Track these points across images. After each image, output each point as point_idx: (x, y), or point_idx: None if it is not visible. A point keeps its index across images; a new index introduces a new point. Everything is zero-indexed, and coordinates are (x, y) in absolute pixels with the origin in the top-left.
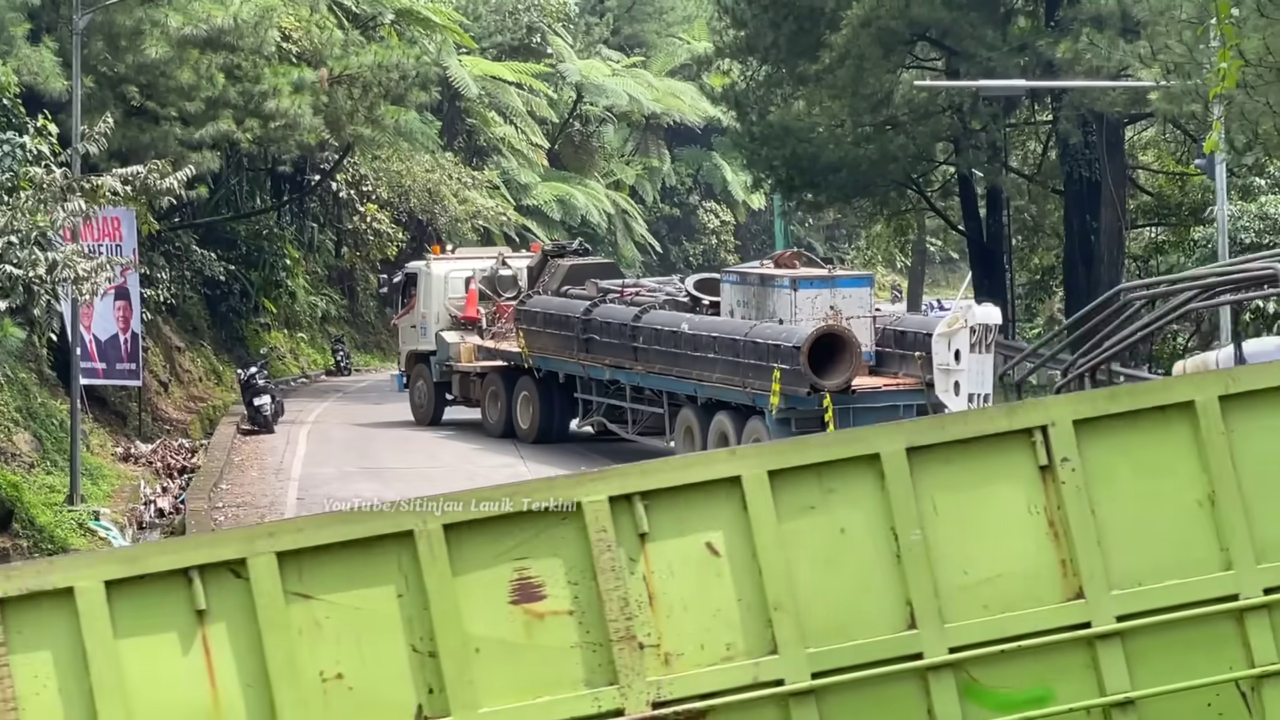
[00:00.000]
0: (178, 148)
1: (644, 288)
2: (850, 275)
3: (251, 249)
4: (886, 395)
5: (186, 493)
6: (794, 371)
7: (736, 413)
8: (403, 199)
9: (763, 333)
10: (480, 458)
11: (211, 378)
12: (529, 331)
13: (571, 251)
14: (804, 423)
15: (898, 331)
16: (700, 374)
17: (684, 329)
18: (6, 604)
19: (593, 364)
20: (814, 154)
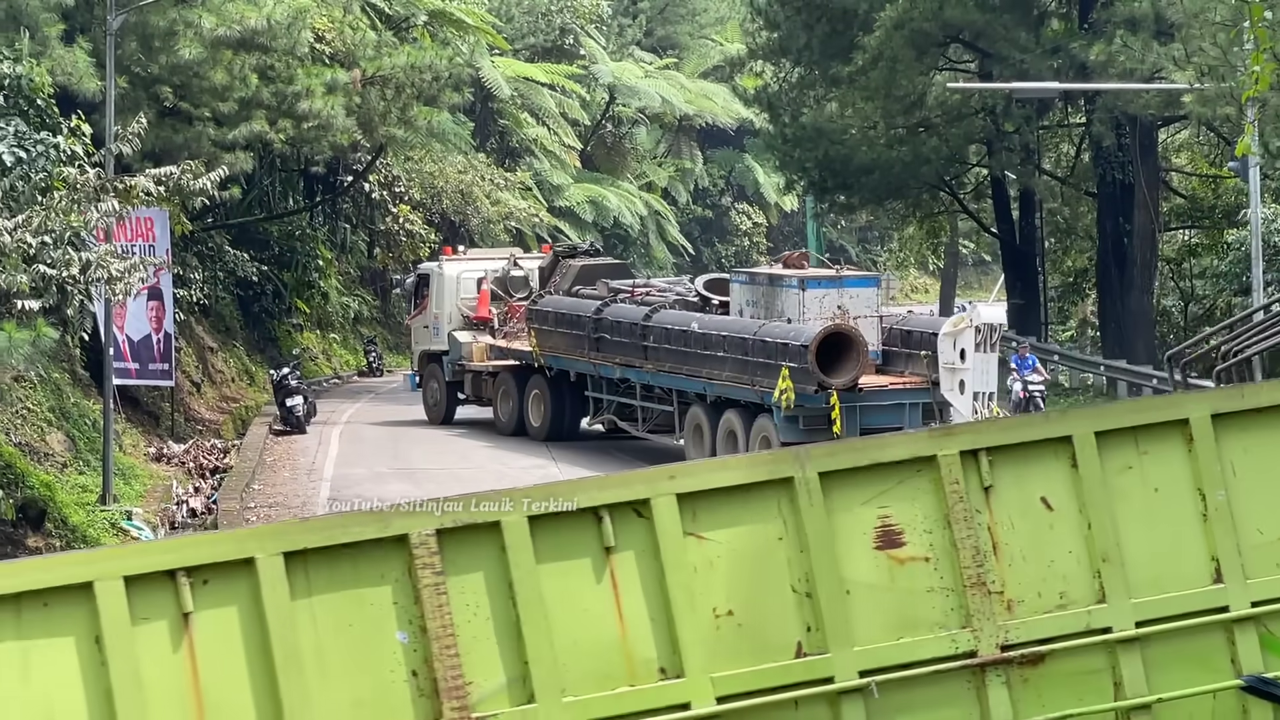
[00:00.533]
0: (211, 148)
1: (654, 288)
2: (857, 275)
3: (284, 250)
4: (892, 393)
5: (218, 493)
6: (802, 370)
7: (745, 410)
8: (435, 200)
9: (771, 332)
10: (511, 459)
11: (244, 378)
12: (540, 331)
13: (583, 252)
14: (812, 420)
15: (904, 331)
16: (709, 372)
17: (694, 328)
18: (443, 535)
19: (603, 363)
20: (847, 156)
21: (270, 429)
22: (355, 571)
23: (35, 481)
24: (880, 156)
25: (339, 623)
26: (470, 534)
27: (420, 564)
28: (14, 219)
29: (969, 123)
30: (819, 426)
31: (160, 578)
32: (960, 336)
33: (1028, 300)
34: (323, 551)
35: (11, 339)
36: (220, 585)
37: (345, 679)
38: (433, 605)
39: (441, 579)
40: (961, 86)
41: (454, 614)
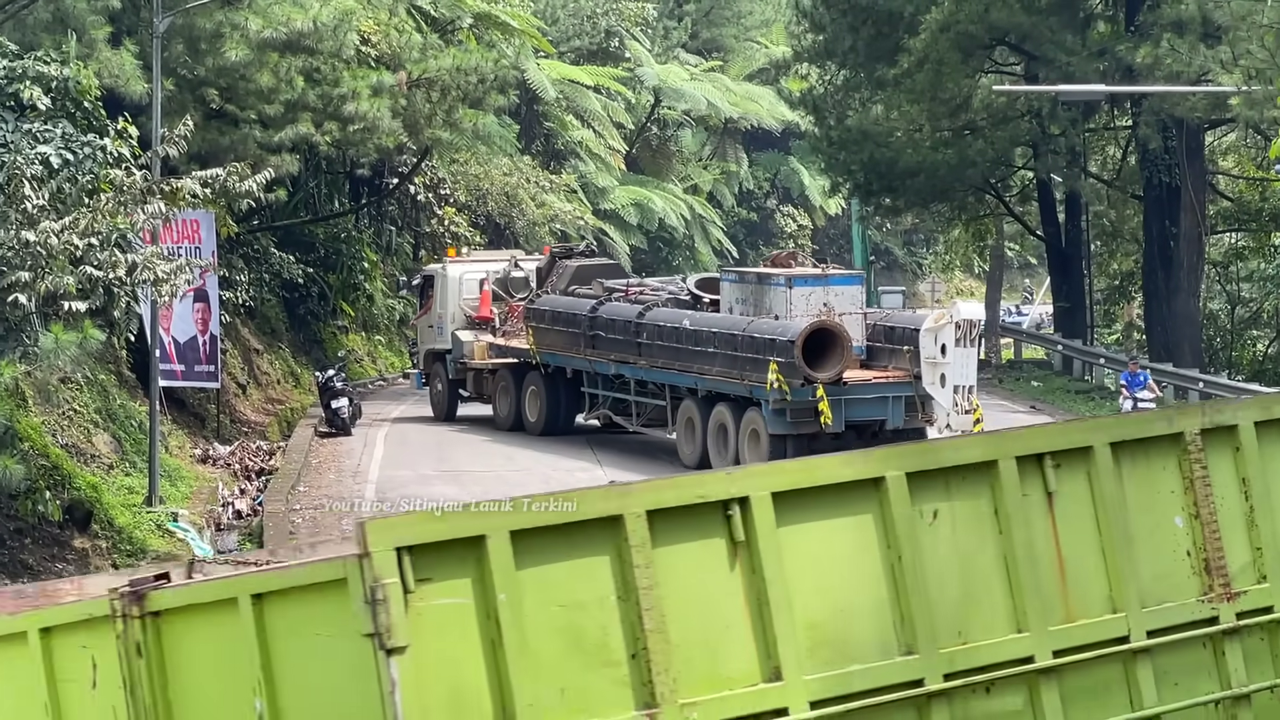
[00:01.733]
0: (257, 150)
1: (648, 287)
2: (842, 274)
3: (330, 252)
4: (876, 387)
5: (264, 494)
6: (788, 364)
7: (735, 404)
8: (480, 202)
9: (759, 328)
10: (556, 461)
11: (289, 380)
12: (538, 329)
13: (579, 253)
14: (799, 413)
15: (887, 327)
16: (701, 368)
17: (685, 325)
18: (1206, 434)
19: (599, 359)
20: (892, 158)
21: (315, 431)
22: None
23: (81, 483)
24: (926, 159)
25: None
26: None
27: (1191, 459)
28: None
29: (1015, 125)
30: (806, 419)
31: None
32: (941, 332)
33: (1074, 303)
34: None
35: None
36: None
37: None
38: (1201, 495)
39: (1205, 472)
40: (1007, 89)
41: (1214, 503)
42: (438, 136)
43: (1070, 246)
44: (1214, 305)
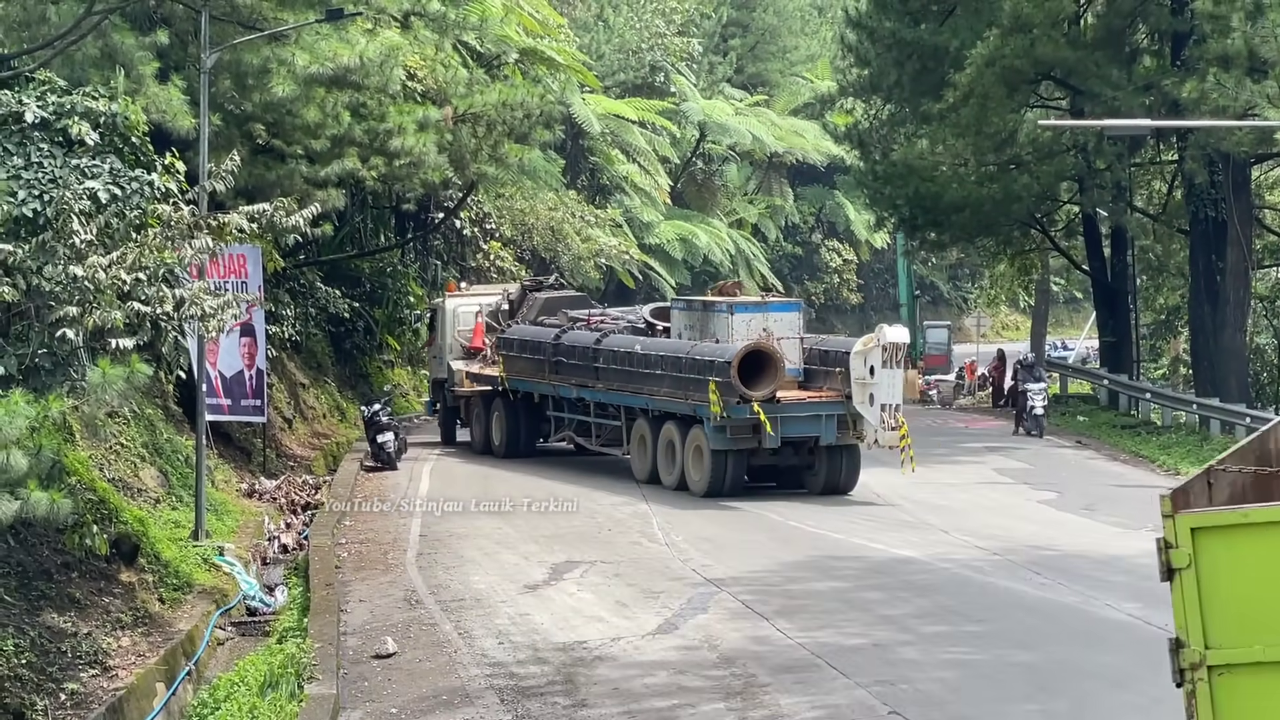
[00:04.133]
0: (303, 185)
1: (609, 316)
2: (781, 301)
3: (375, 286)
4: (810, 405)
5: (310, 529)
6: (726, 384)
7: (681, 422)
8: (525, 237)
9: (701, 351)
10: (601, 496)
11: (335, 414)
12: (508, 357)
13: (548, 286)
14: (738, 430)
15: (821, 351)
16: (650, 389)
17: (637, 350)
18: None
19: (561, 384)
20: (937, 193)
21: (361, 465)
22: None
23: (128, 517)
24: (971, 193)
25: None
26: None
27: None
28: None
29: (1060, 160)
30: (744, 435)
31: None
32: (869, 354)
33: (1120, 337)
34: None
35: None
36: None
37: None
38: None
39: None
40: (1053, 124)
41: None
42: (483, 171)
43: (1116, 281)
44: (1261, 339)
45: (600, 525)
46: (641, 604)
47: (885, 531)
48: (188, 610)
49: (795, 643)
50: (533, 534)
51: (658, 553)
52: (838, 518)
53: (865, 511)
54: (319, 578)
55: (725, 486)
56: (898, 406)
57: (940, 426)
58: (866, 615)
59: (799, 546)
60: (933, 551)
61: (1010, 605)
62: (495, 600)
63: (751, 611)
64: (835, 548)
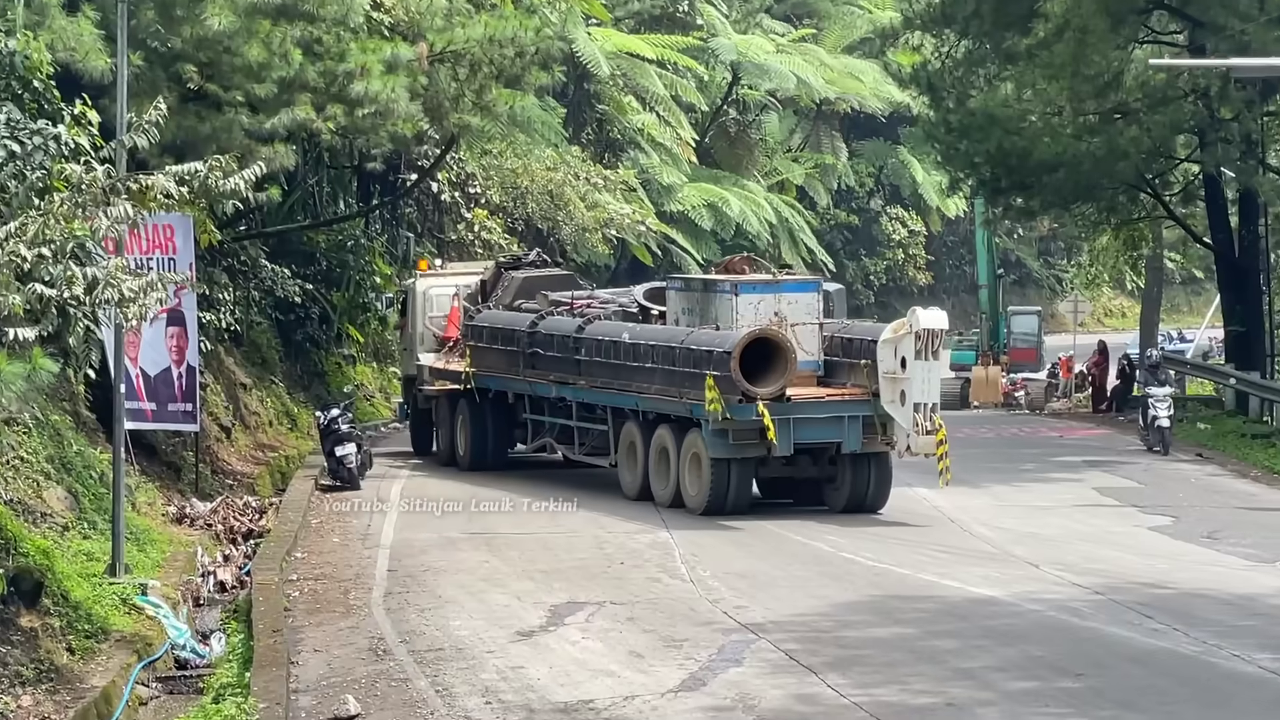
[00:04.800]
0: (244, 140)
1: (597, 299)
2: (797, 279)
3: (334, 264)
4: (828, 405)
5: (253, 562)
6: (725, 378)
7: (676, 425)
8: (518, 203)
9: (698, 339)
10: (611, 522)
11: (284, 421)
12: (475, 349)
13: (528, 263)
14: (742, 434)
15: (844, 339)
16: (639, 386)
17: (625, 339)
18: None
19: (538, 380)
20: (1025, 148)
21: (316, 484)
22: None
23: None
24: (1066, 149)
25: None
26: None
27: None
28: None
29: (1176, 108)
30: (749, 441)
31: None
32: (900, 344)
33: (1249, 326)
34: None
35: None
36: None
37: None
38: None
39: None
40: (1168, 63)
41: None
42: (466, 122)
43: (1245, 257)
44: None
45: (610, 557)
46: (661, 655)
47: (960, 565)
48: (103, 662)
49: (850, 702)
50: (527, 568)
51: (681, 591)
52: (901, 548)
53: (935, 540)
54: (264, 622)
55: (728, 502)
56: (934, 406)
57: (1028, 436)
58: (938, 668)
59: (854, 583)
60: (1019, 590)
61: (1115, 656)
62: (481, 650)
63: (796, 664)
64: (899, 585)
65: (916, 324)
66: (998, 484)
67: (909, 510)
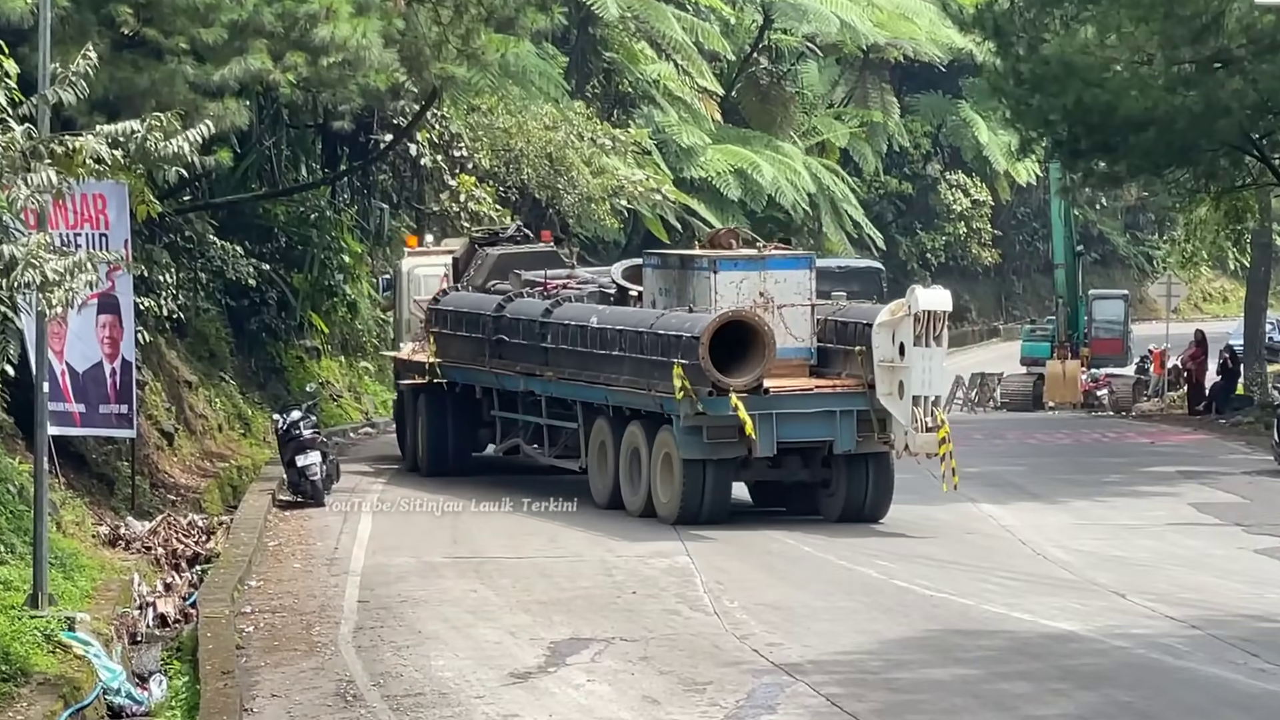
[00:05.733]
0: (189, 95)
1: (576, 279)
2: (785, 255)
3: (294, 241)
4: (815, 399)
5: (199, 592)
6: (695, 367)
7: (648, 422)
8: (511, 168)
9: (667, 323)
10: (623, 544)
11: (236, 426)
12: (440, 336)
13: (506, 238)
14: (718, 432)
15: (839, 323)
16: (608, 377)
17: (593, 323)
18: None
19: (505, 371)
20: (1109, 103)
21: (274, 499)
22: None
23: None
24: (1158, 104)
25: None
26: None
27: None
28: None
29: None
30: (727, 439)
31: None
32: (899, 327)
33: None
34: None
35: None
36: None
37: None
38: None
39: None
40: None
41: None
42: (449, 73)
43: None
44: None
45: (620, 585)
46: (680, 701)
47: (1033, 594)
48: (22, 710)
49: None
50: (523, 598)
51: (704, 625)
52: (963, 574)
53: (1002, 565)
54: (213, 662)
55: (703, 509)
56: (937, 399)
57: (1113, 443)
58: (1006, 716)
59: (908, 616)
60: (1102, 624)
61: (1215, 701)
62: (468, 695)
63: (840, 711)
64: (960, 618)
65: (915, 305)
66: (1077, 499)
67: (972, 529)
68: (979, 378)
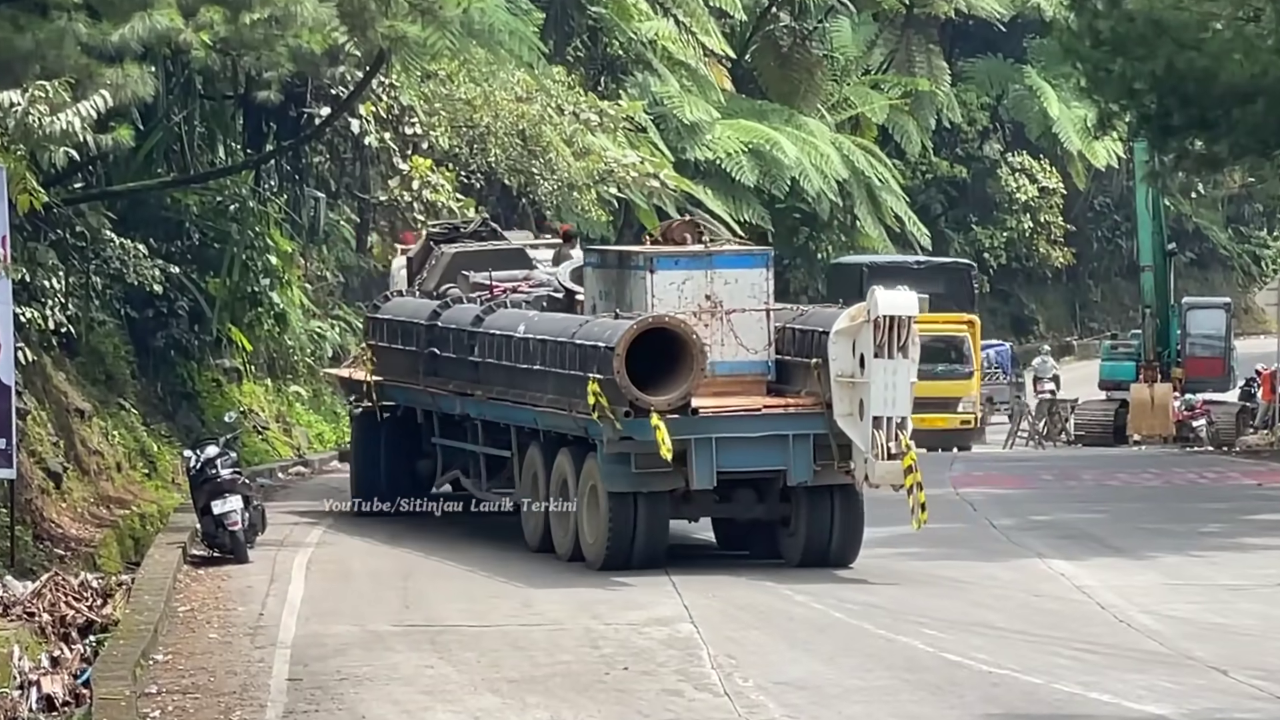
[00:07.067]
0: (81, 59)
1: (531, 280)
2: (738, 251)
3: (210, 238)
4: (763, 421)
5: (94, 668)
6: (611, 383)
7: (576, 448)
8: (476, 149)
9: (589, 331)
10: (612, 610)
11: (138, 464)
12: (378, 350)
13: (469, 234)
14: (650, 460)
15: (799, 332)
16: (533, 396)
17: (520, 333)
18: None
19: (439, 390)
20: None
21: (185, 555)
22: None
23: None
24: (1267, 71)
25: None
26: None
27: None
28: None
29: None
30: (660, 469)
31: None
32: (859, 335)
33: None
34: None
35: None
36: None
37: None
38: None
39: None
40: None
41: None
42: (400, 33)
43: None
44: None
45: (609, 659)
46: None
47: (1114, 671)
48: None
49: None
50: (490, 676)
51: (712, 710)
52: (1029, 646)
53: (1077, 635)
54: None
55: (634, 551)
56: (902, 422)
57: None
58: None
59: (962, 697)
60: (1199, 706)
61: None
62: None
63: None
64: (1024, 700)
65: (875, 309)
66: (1168, 553)
67: (1039, 591)
68: (1048, 405)
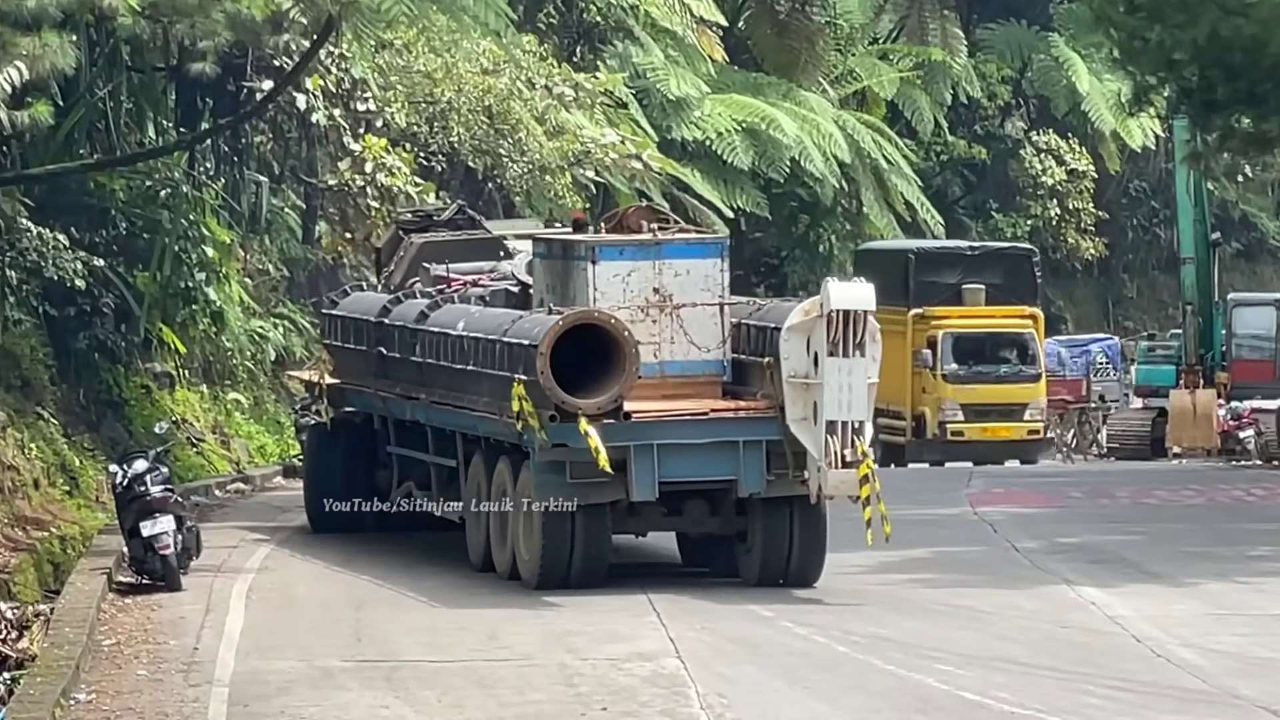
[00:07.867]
0: None
1: (495, 273)
2: (688, 240)
3: (139, 227)
4: (709, 426)
5: (8, 708)
6: (535, 384)
7: (514, 456)
8: (437, 128)
9: (520, 329)
10: (588, 643)
11: (58, 480)
12: (332, 349)
13: (444, 223)
14: (586, 470)
15: (755, 328)
16: (471, 398)
17: (459, 330)
18: None
19: (389, 394)
20: (1254, 37)
21: (111, 581)
22: None
23: None
24: None
25: None
26: None
27: None
28: None
29: None
30: (598, 478)
31: None
32: (813, 331)
33: None
34: None
35: None
36: None
37: None
38: None
39: None
40: None
41: None
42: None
43: None
44: None
45: (585, 698)
46: None
47: (1151, 711)
48: None
49: None
50: (452, 717)
51: None
52: (1055, 683)
53: (1110, 670)
54: None
55: (571, 568)
56: (858, 426)
57: (1260, 503)
58: None
59: None
60: None
61: None
62: None
63: None
64: None
65: (827, 303)
66: (1211, 580)
67: (1068, 622)
68: (1078, 414)
